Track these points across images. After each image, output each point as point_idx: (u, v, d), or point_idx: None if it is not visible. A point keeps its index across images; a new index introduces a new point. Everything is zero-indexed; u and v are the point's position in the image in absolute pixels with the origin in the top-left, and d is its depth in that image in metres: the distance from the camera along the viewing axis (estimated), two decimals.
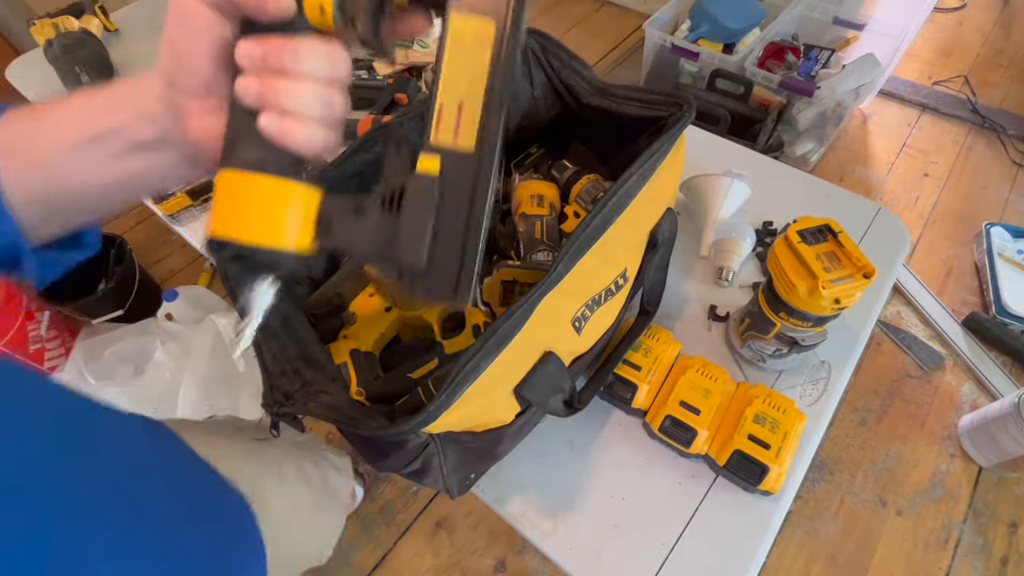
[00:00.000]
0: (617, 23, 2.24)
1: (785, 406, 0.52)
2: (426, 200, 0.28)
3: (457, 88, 0.28)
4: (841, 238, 0.50)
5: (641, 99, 0.55)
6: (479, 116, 0.28)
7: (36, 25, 0.96)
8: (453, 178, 0.28)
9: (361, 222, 0.28)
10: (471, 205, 0.28)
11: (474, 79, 0.28)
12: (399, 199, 0.28)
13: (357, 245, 0.28)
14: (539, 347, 0.44)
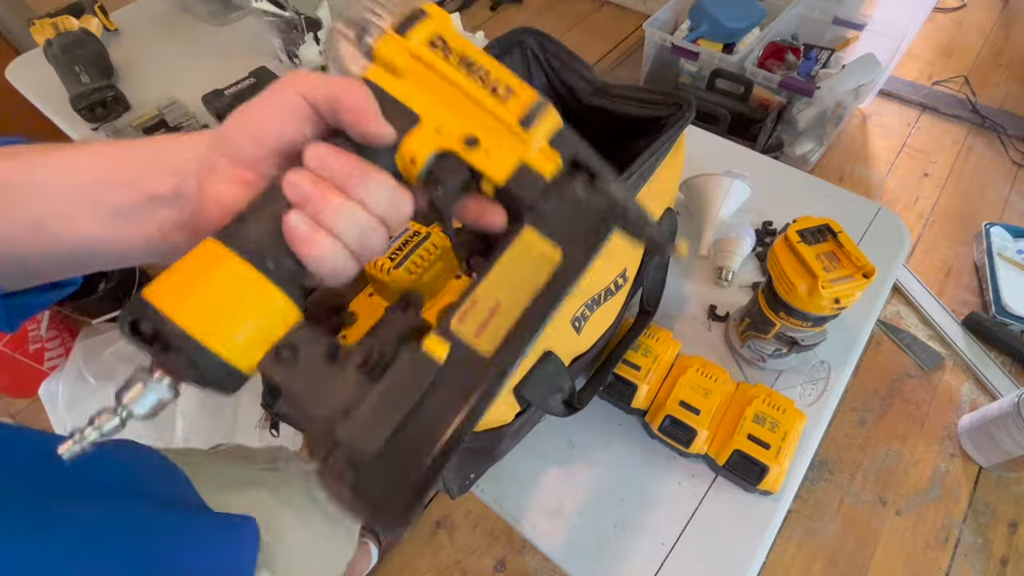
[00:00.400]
0: (617, 23, 2.24)
1: (785, 406, 0.52)
2: (414, 385, 0.23)
3: (500, 290, 0.26)
4: (841, 238, 0.50)
5: (641, 99, 0.55)
6: (510, 326, 0.25)
7: (36, 25, 0.96)
8: (454, 377, 0.24)
9: (327, 370, 0.24)
10: (463, 416, 0.23)
11: (520, 291, 0.26)
12: (384, 367, 0.24)
13: (308, 395, 0.23)
14: (538, 347, 0.44)
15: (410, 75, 0.27)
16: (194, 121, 0.88)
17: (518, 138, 0.27)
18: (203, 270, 0.24)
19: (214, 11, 1.07)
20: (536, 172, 0.27)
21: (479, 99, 0.27)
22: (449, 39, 0.28)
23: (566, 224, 0.28)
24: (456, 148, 0.27)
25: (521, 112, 0.27)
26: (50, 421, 1.08)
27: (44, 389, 1.08)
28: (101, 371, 1.08)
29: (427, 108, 0.27)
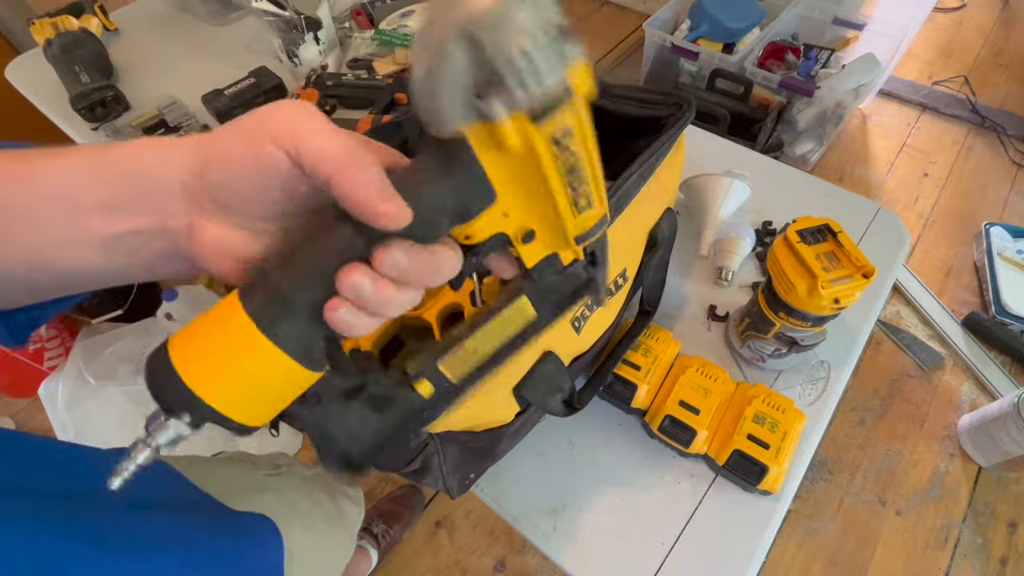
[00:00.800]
0: (617, 23, 2.24)
1: (784, 406, 0.52)
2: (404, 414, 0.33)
3: (485, 340, 0.34)
4: (841, 238, 0.50)
5: (641, 99, 0.55)
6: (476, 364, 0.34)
7: (35, 24, 0.96)
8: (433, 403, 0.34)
9: (344, 407, 0.30)
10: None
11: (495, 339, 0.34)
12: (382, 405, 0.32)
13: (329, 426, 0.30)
14: (538, 347, 0.44)
15: (512, 156, 0.23)
16: (194, 121, 0.88)
17: (568, 244, 0.27)
18: (231, 348, 0.22)
19: (214, 11, 1.07)
20: (559, 260, 0.29)
21: (560, 207, 0.25)
22: (574, 136, 0.23)
23: (551, 293, 0.33)
24: (513, 236, 0.26)
25: (585, 228, 0.27)
26: (50, 421, 1.08)
27: (44, 389, 1.08)
28: (101, 371, 1.08)
29: (507, 190, 0.24)
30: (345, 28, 1.02)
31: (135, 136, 0.85)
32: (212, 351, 0.23)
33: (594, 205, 0.26)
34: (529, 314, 0.34)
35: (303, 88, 0.87)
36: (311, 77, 0.88)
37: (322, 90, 0.86)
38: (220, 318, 0.23)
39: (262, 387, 0.23)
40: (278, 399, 0.25)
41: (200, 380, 0.22)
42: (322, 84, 0.87)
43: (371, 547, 1.08)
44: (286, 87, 0.92)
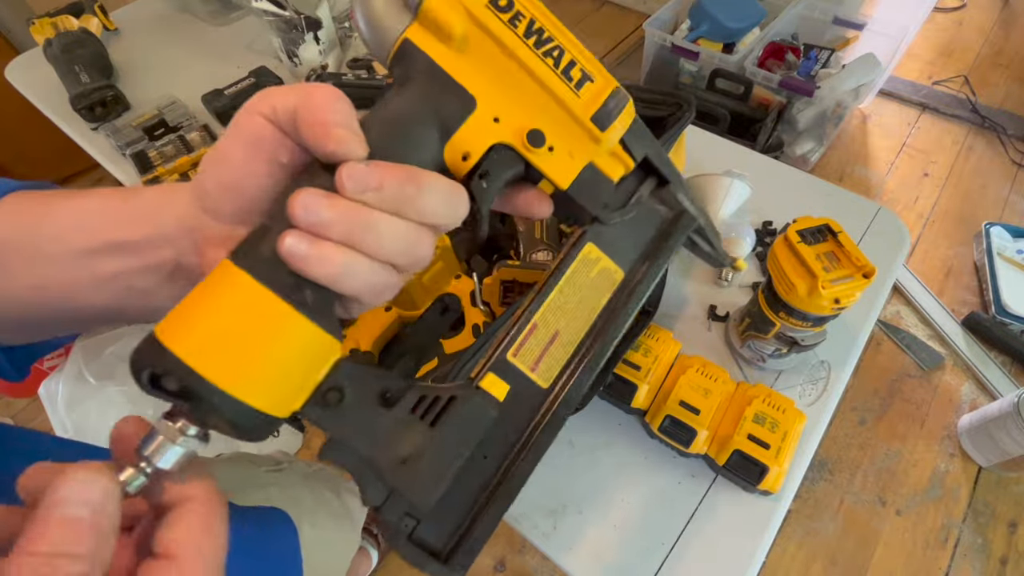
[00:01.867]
0: (617, 23, 2.24)
1: (785, 406, 0.52)
2: (474, 428, 0.22)
3: (560, 314, 0.24)
4: (841, 238, 0.50)
5: (641, 99, 0.55)
6: (568, 357, 0.24)
7: (35, 24, 0.96)
8: (513, 411, 0.23)
9: (378, 414, 0.21)
10: (522, 455, 0.22)
11: (580, 316, 0.24)
12: (440, 410, 0.22)
13: (357, 443, 0.21)
14: None
15: (463, 43, 0.21)
16: (194, 121, 0.88)
17: (590, 136, 0.23)
18: (227, 307, 0.19)
19: (214, 11, 1.07)
20: (604, 176, 0.23)
21: (549, 84, 0.22)
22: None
23: (630, 237, 0.24)
24: (516, 143, 0.22)
25: (597, 105, 0.23)
26: (50, 421, 1.08)
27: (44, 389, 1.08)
28: (101, 371, 1.08)
29: (484, 89, 0.22)
30: (345, 28, 1.02)
31: (135, 135, 0.85)
32: (202, 316, 0.19)
33: (594, 78, 0.23)
34: (610, 270, 0.24)
35: None
36: (311, 77, 0.88)
37: None
38: (210, 283, 0.20)
39: (270, 351, 0.19)
40: (297, 373, 0.20)
41: (193, 350, 0.18)
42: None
43: (371, 547, 1.08)
44: None
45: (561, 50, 0.22)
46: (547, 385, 0.24)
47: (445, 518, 0.22)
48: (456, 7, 0.21)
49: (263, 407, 0.19)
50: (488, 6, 0.21)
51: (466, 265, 0.56)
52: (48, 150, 1.55)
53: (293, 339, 0.19)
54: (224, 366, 0.18)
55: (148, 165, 0.82)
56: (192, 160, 0.82)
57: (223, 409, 0.18)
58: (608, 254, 0.25)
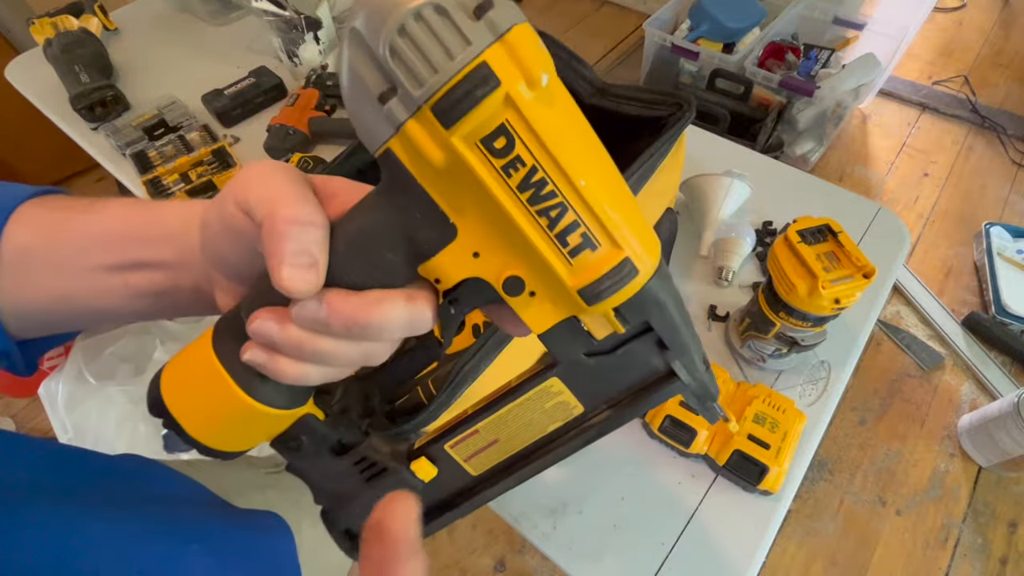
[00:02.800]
0: (617, 23, 2.24)
1: (785, 406, 0.52)
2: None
3: (503, 428, 0.24)
4: (841, 238, 0.50)
5: (641, 99, 0.55)
6: (502, 459, 0.25)
7: (35, 24, 0.96)
8: (436, 488, 0.27)
9: (331, 460, 0.26)
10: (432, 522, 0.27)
11: (525, 431, 0.24)
12: (376, 474, 0.26)
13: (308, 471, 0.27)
14: (539, 347, 0.44)
15: (453, 175, 0.18)
16: (194, 121, 0.88)
17: (576, 304, 0.19)
18: (198, 378, 0.23)
19: (214, 11, 1.07)
20: (587, 332, 0.21)
21: (536, 245, 0.18)
22: (520, 132, 0.17)
23: (606, 378, 0.22)
24: (493, 283, 0.20)
25: (589, 280, 0.19)
26: (50, 421, 1.08)
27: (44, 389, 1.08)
28: (101, 371, 1.08)
29: (468, 222, 0.19)
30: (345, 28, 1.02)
31: (135, 135, 0.85)
32: (186, 382, 0.24)
33: (598, 245, 0.18)
34: (569, 403, 0.23)
35: (303, 88, 0.87)
36: (311, 77, 0.88)
37: (322, 90, 0.86)
38: (194, 350, 0.24)
39: (231, 421, 0.24)
40: (248, 433, 0.25)
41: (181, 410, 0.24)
42: (322, 84, 0.87)
43: None
44: (286, 87, 0.92)
45: (563, 209, 0.18)
46: (476, 473, 0.26)
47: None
48: (441, 142, 0.17)
49: (223, 449, 0.24)
50: (479, 145, 0.17)
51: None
52: (48, 150, 1.54)
53: (247, 417, 0.23)
54: (191, 417, 0.23)
55: (148, 165, 0.82)
56: (192, 160, 0.82)
57: (191, 443, 0.24)
58: (572, 389, 0.23)
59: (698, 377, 0.22)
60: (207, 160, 0.82)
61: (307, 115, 0.83)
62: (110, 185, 1.77)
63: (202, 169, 0.81)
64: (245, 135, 0.87)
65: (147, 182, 0.79)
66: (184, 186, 0.79)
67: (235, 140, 0.87)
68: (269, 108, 0.91)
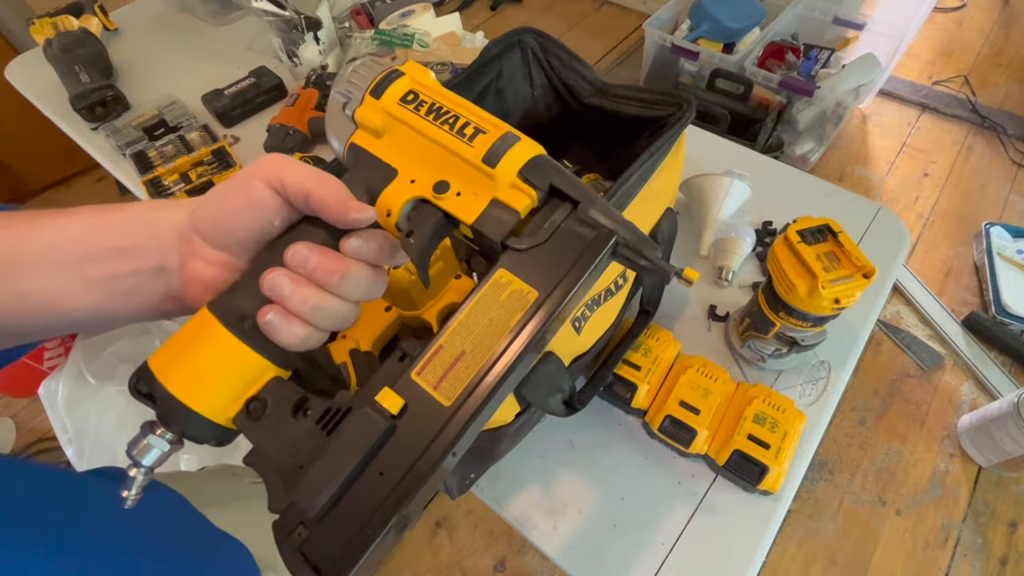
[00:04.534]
0: (617, 23, 2.24)
1: (785, 406, 0.52)
2: (362, 440, 0.22)
3: (467, 336, 0.24)
4: (841, 238, 0.50)
5: (641, 99, 0.55)
6: (473, 375, 0.23)
7: (35, 24, 0.96)
8: (410, 427, 0.23)
9: (290, 424, 0.24)
10: (413, 472, 0.22)
11: (489, 336, 0.24)
12: (337, 421, 0.24)
13: (270, 452, 0.24)
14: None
15: (389, 133, 0.29)
16: (194, 121, 0.88)
17: (486, 175, 0.27)
18: (193, 339, 0.26)
19: (214, 11, 1.07)
20: (508, 207, 0.26)
21: (448, 143, 0.27)
22: (422, 91, 0.29)
23: (550, 262, 0.25)
24: (427, 195, 0.27)
25: (485, 149, 0.27)
26: (50, 421, 1.08)
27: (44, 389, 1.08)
28: (101, 371, 1.08)
29: (403, 161, 0.29)
30: (345, 28, 1.02)
31: (135, 135, 0.85)
32: (176, 346, 0.26)
33: (486, 130, 0.27)
34: (522, 291, 0.25)
35: (303, 88, 0.87)
36: (311, 77, 0.88)
37: (322, 90, 0.86)
38: (186, 330, 0.26)
39: (216, 370, 0.25)
40: (232, 387, 0.25)
41: (163, 368, 0.25)
42: (322, 84, 0.87)
43: None
44: (286, 87, 0.92)
45: (456, 116, 0.28)
46: (449, 403, 0.23)
47: (336, 537, 0.22)
48: (377, 111, 0.29)
49: (203, 413, 0.25)
50: (399, 103, 0.29)
51: (466, 265, 0.56)
52: (48, 150, 1.54)
53: (234, 361, 0.25)
54: (178, 380, 0.25)
55: (148, 165, 0.82)
56: (192, 160, 0.82)
57: (175, 413, 0.25)
58: (522, 277, 0.25)
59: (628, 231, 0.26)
60: (207, 160, 0.82)
61: (307, 115, 0.83)
62: (110, 185, 1.77)
63: (202, 169, 0.81)
64: (245, 135, 0.88)
65: (147, 182, 0.79)
66: (184, 186, 0.79)
67: (235, 140, 0.87)
68: (269, 108, 0.91)
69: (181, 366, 0.25)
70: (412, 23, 0.95)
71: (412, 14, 0.97)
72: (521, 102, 0.61)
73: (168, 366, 0.25)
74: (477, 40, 0.99)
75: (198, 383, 0.25)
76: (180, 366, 0.25)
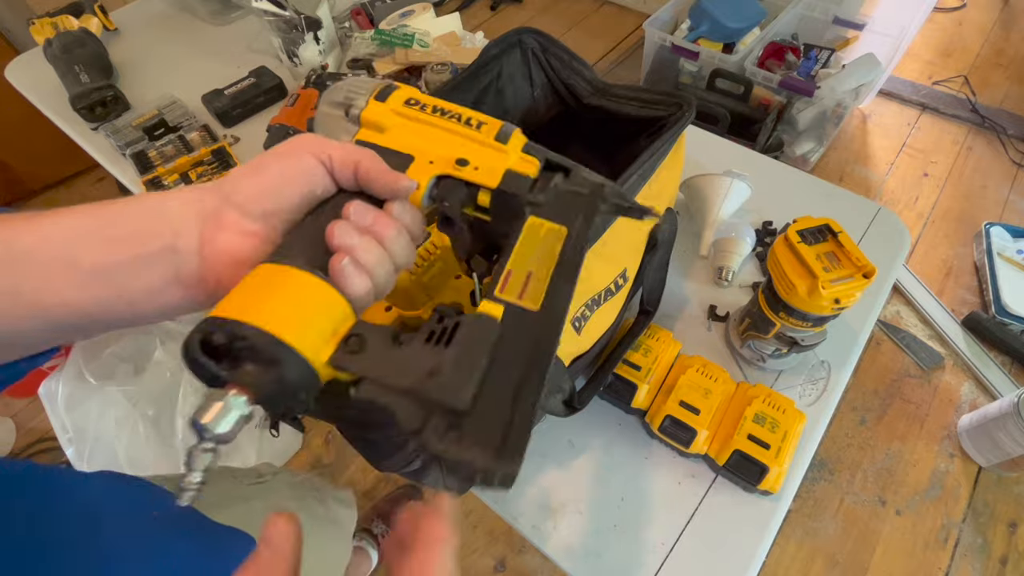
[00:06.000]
0: (617, 23, 2.24)
1: (785, 406, 0.52)
2: (483, 338, 0.25)
3: (527, 262, 0.29)
4: (841, 238, 0.50)
5: (641, 99, 0.55)
6: (547, 284, 0.28)
7: (35, 24, 0.96)
8: (515, 329, 0.26)
9: (398, 350, 0.25)
10: (533, 360, 0.25)
11: (544, 259, 0.30)
12: (450, 334, 0.26)
13: (385, 375, 0.24)
14: None
15: (394, 129, 0.33)
16: (194, 121, 0.88)
17: (499, 151, 0.33)
18: (267, 281, 0.25)
19: (214, 11, 1.07)
20: (521, 174, 0.33)
21: (459, 131, 0.33)
22: (421, 98, 0.34)
23: (560, 208, 0.32)
24: (450, 171, 0.32)
25: (495, 133, 0.33)
26: (50, 421, 1.08)
27: (44, 389, 1.08)
28: (101, 371, 1.08)
29: (416, 149, 0.33)
30: (345, 28, 1.02)
31: (135, 135, 0.85)
32: (245, 293, 0.25)
33: (487, 122, 0.34)
34: (555, 229, 0.31)
35: (303, 88, 0.87)
36: (311, 77, 0.88)
37: (322, 90, 0.86)
38: (250, 278, 0.26)
39: (304, 305, 0.25)
40: (324, 322, 0.25)
41: (241, 311, 0.23)
42: (322, 84, 0.87)
43: (371, 547, 1.08)
44: (286, 87, 0.92)
45: (459, 113, 0.34)
46: (537, 307, 0.27)
47: (492, 422, 0.23)
48: (384, 111, 0.34)
49: (300, 349, 0.24)
50: (405, 105, 0.34)
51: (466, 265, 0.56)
52: (48, 150, 1.55)
53: (321, 297, 0.26)
54: (267, 315, 0.23)
55: (148, 165, 0.82)
56: (192, 160, 0.82)
57: (269, 351, 0.23)
58: (549, 219, 0.31)
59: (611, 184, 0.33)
60: (207, 160, 0.82)
61: (307, 115, 0.83)
62: (110, 185, 1.77)
63: (202, 169, 0.81)
64: (245, 135, 0.88)
65: (147, 182, 0.79)
66: (184, 186, 0.79)
67: (235, 140, 0.87)
68: (269, 108, 0.91)
69: (267, 302, 0.24)
70: (412, 23, 0.95)
71: (412, 14, 0.97)
72: (521, 102, 0.61)
73: (249, 307, 0.24)
74: (477, 40, 0.99)
75: (292, 316, 0.24)
76: (266, 302, 0.24)
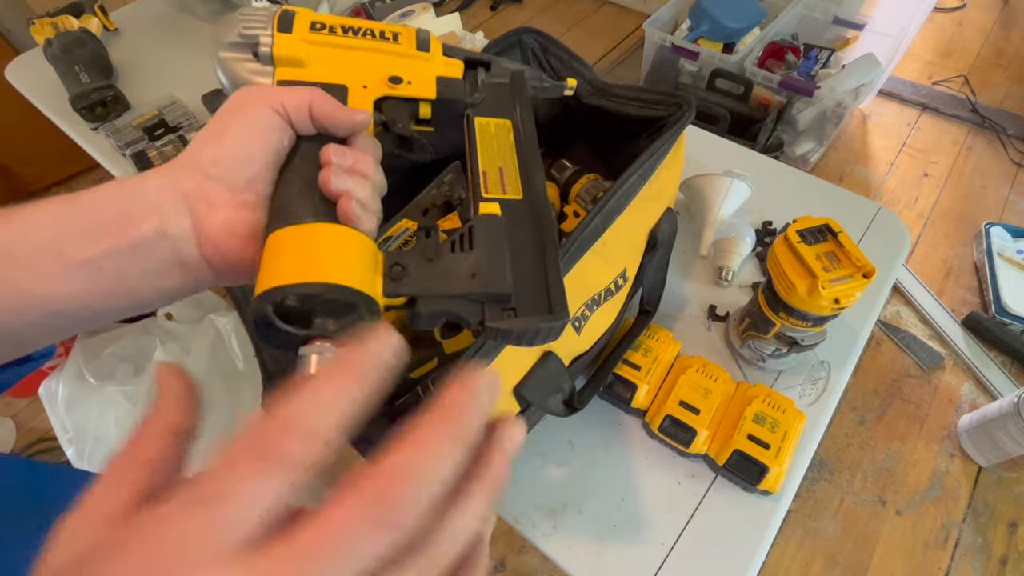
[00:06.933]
0: (617, 23, 2.24)
1: (785, 406, 0.52)
2: (497, 233, 0.29)
3: (494, 159, 0.32)
4: (841, 238, 0.50)
5: (641, 99, 0.55)
6: (519, 174, 0.32)
7: (35, 24, 0.96)
8: (514, 216, 0.30)
9: (434, 266, 0.27)
10: (539, 232, 0.30)
11: (505, 153, 0.33)
12: (469, 238, 0.28)
13: (436, 288, 0.27)
14: (538, 347, 0.44)
15: (313, 61, 0.32)
16: (194, 121, 0.88)
17: (424, 60, 0.34)
18: (300, 243, 0.25)
19: (214, 11, 1.07)
20: (450, 78, 0.35)
21: (380, 48, 0.33)
22: (324, 19, 0.33)
23: (496, 103, 0.35)
24: (387, 91, 0.33)
25: (413, 42, 0.34)
26: (50, 421, 1.08)
27: (44, 389, 1.08)
28: (101, 371, 1.08)
29: (345, 77, 0.32)
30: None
31: (135, 135, 0.85)
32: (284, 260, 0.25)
33: (401, 32, 0.35)
34: (501, 123, 0.34)
35: None
36: None
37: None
38: (279, 244, 0.25)
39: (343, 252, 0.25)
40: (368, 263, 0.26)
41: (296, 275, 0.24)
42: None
43: None
44: None
45: (368, 29, 0.34)
46: (520, 196, 0.31)
47: (534, 291, 0.28)
48: (294, 43, 0.32)
49: (366, 290, 0.25)
50: (313, 31, 0.33)
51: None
52: (48, 150, 1.54)
53: (351, 241, 0.26)
54: (325, 269, 0.24)
55: (148, 165, 0.82)
56: None
57: (339, 297, 0.24)
58: (493, 117, 0.34)
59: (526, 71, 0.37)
60: None
61: None
62: None
63: None
64: None
65: None
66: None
67: None
68: None
69: (316, 260, 0.24)
70: (412, 23, 0.95)
71: (412, 14, 0.97)
72: None
73: (303, 269, 0.24)
74: (477, 40, 0.99)
75: (344, 265, 0.25)
76: (315, 260, 0.24)
